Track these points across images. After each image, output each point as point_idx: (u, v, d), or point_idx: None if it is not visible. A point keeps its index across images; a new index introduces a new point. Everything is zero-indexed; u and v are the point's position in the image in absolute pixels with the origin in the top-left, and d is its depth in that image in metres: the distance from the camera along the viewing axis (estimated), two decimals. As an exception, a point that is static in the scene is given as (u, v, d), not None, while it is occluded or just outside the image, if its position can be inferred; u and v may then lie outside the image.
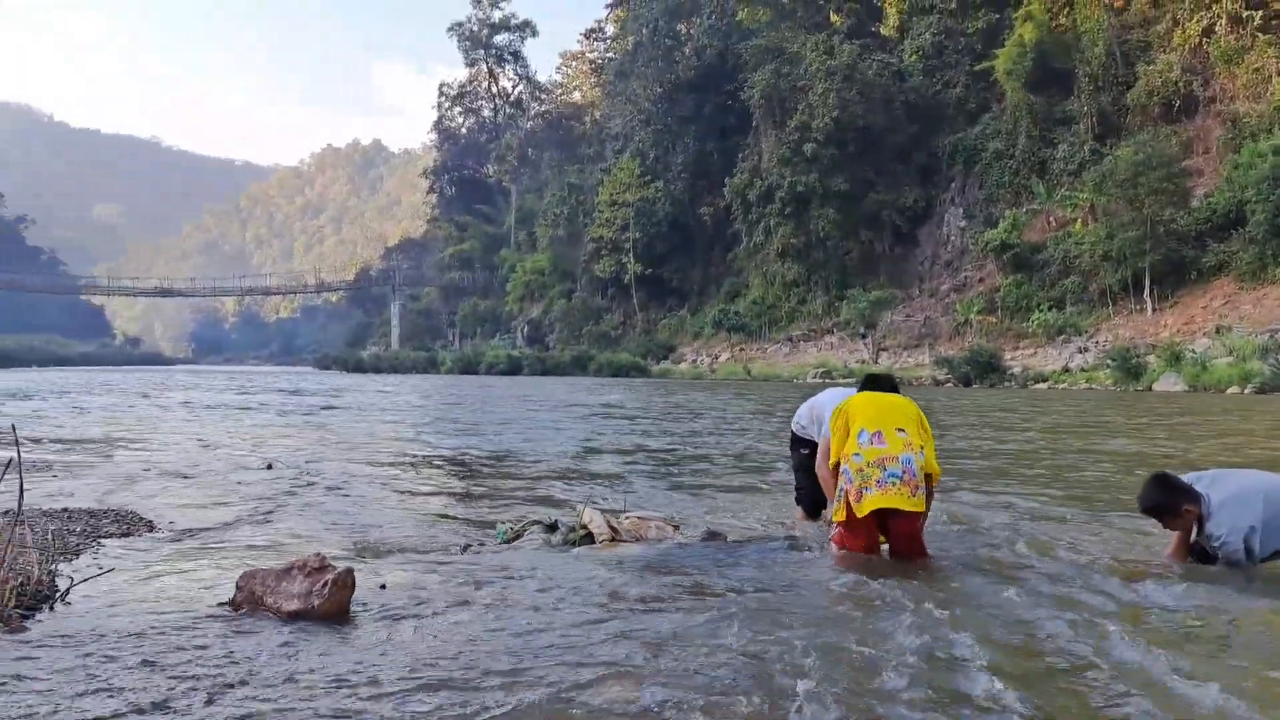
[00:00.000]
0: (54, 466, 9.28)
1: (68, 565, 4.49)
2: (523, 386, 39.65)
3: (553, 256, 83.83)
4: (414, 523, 6.50)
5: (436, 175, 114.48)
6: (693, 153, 73.41)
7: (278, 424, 16.91)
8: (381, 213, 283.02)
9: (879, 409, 5.03)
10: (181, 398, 27.54)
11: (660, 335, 69.27)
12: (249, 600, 3.80)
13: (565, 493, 8.11)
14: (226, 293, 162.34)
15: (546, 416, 19.30)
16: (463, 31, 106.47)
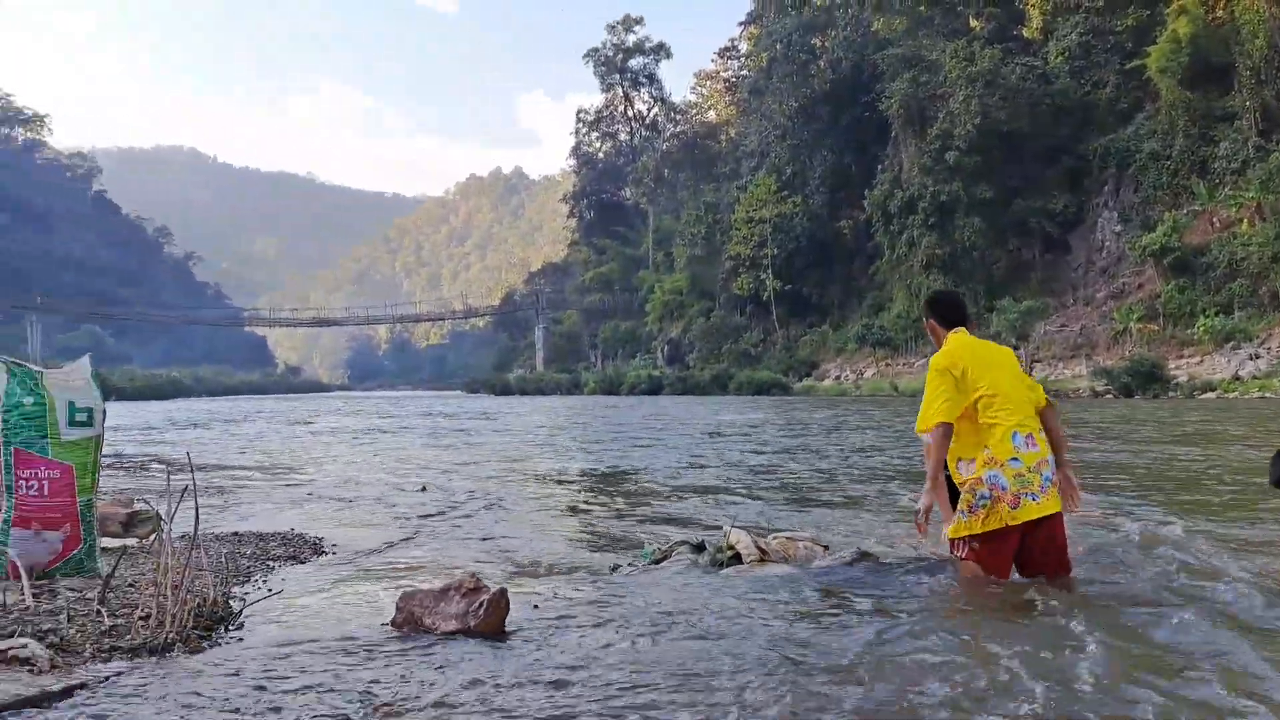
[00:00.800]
0: (223, 491, 9.73)
1: (240, 587, 4.69)
2: (664, 406, 39.79)
3: (691, 276, 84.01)
4: (563, 543, 6.57)
5: (575, 200, 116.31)
6: (830, 166, 72.68)
7: (430, 447, 17.37)
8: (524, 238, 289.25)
9: (1015, 394, 4.53)
10: (338, 423, 28.58)
11: (801, 352, 68.60)
12: (409, 621, 3.90)
13: (709, 513, 8.09)
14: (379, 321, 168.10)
15: (688, 436, 19.30)
16: (598, 58, 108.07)
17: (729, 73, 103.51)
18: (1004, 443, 4.42)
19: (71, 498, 4.42)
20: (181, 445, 17.35)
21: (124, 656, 3.41)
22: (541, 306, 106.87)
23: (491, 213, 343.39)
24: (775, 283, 71.59)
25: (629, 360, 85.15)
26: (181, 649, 3.53)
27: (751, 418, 26.96)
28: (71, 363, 4.79)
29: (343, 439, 20.47)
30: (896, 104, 62.34)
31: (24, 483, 4.36)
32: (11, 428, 4.39)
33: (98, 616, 3.71)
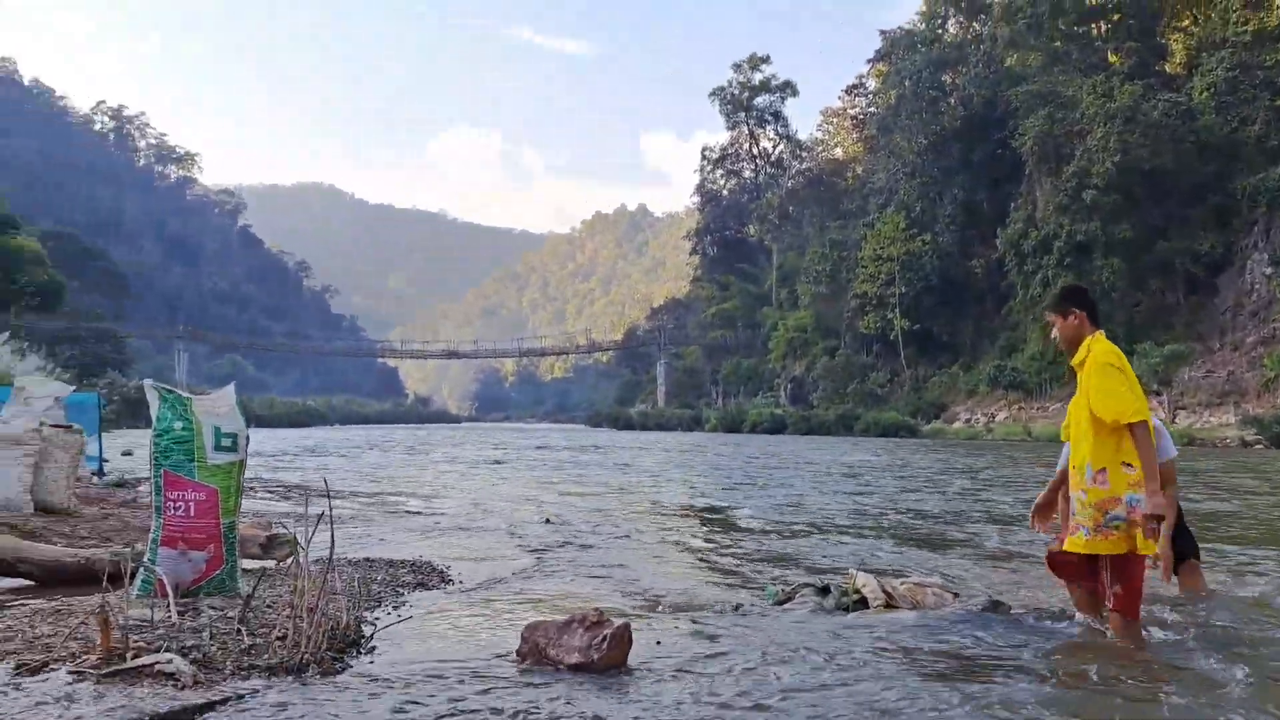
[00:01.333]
0: (356, 518, 10.00)
1: (371, 612, 4.80)
2: (786, 445, 39.41)
3: (815, 313, 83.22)
4: (686, 579, 6.55)
5: (699, 236, 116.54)
6: (961, 204, 71.28)
7: (553, 479, 17.55)
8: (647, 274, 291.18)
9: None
10: (465, 454, 29.13)
11: (930, 393, 67.14)
12: (533, 652, 3.94)
13: (832, 554, 7.97)
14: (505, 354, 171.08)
15: (811, 476, 19.07)
16: (724, 96, 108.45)
17: (856, 110, 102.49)
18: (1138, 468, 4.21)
19: (216, 519, 4.60)
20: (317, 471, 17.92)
21: (262, 675, 3.52)
22: (664, 342, 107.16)
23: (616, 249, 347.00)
24: (903, 322, 70.41)
25: (751, 398, 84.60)
26: (316, 670, 3.62)
27: (878, 459, 26.49)
28: (216, 390, 5.00)
29: (469, 469, 20.84)
30: (1030, 141, 60.85)
31: (172, 504, 4.56)
32: (162, 451, 4.59)
33: (238, 635, 3.84)
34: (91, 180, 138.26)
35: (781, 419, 67.40)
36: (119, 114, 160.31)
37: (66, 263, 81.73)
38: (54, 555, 5.62)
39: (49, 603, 4.60)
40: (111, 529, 7.54)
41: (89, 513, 8.43)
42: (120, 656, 3.48)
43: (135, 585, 4.37)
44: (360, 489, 14.20)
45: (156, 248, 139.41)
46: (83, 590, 4.95)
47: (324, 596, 3.84)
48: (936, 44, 79.85)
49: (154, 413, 4.66)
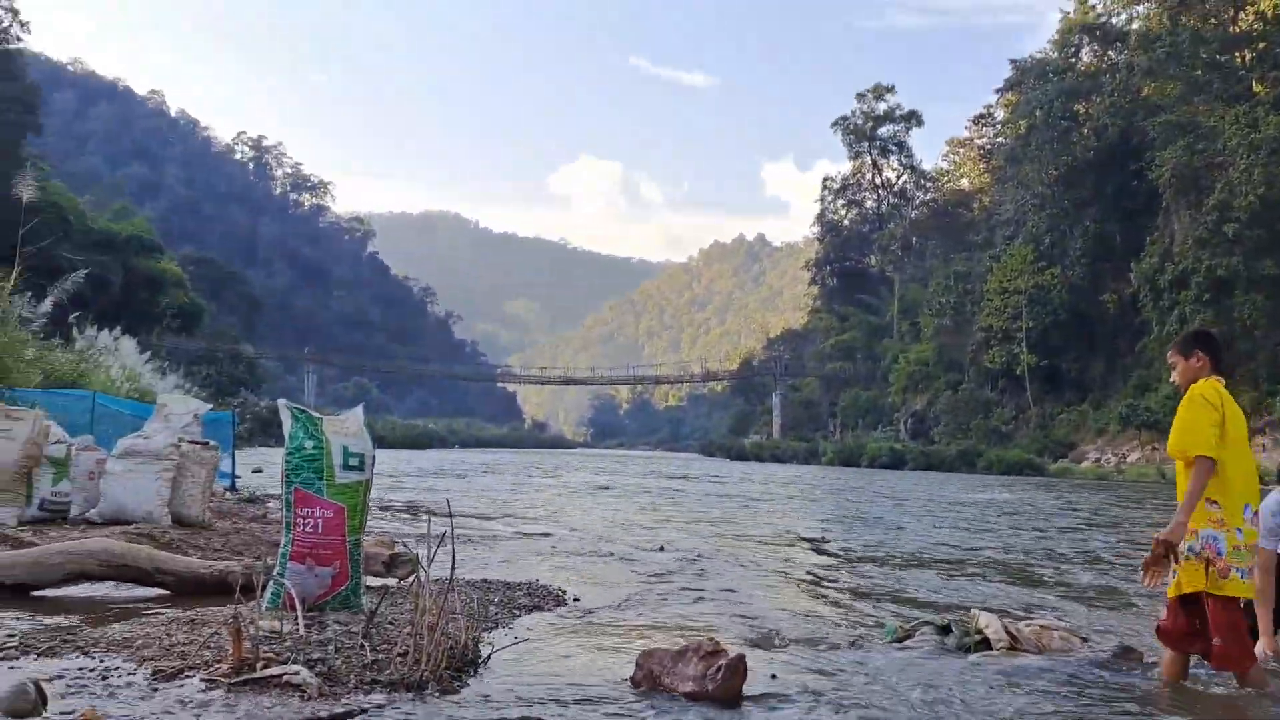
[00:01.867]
0: (473, 539, 10.16)
1: (488, 633, 4.86)
2: (906, 480, 38.67)
3: (938, 347, 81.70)
4: (801, 612, 6.47)
5: (818, 267, 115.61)
6: (1092, 236, 69.18)
7: (667, 507, 17.55)
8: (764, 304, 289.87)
9: (1252, 469, 4.30)
10: (581, 479, 29.35)
11: (1057, 431, 65.07)
12: (647, 679, 3.94)
13: (953, 592, 7.77)
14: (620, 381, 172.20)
15: (932, 512, 18.66)
16: (847, 125, 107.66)
17: (983, 140, 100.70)
18: (1237, 509, 4.19)
19: (342, 536, 4.72)
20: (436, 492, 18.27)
21: (383, 690, 3.59)
22: (780, 373, 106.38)
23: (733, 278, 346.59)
24: (1030, 357, 68.54)
25: (869, 431, 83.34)
26: (435, 687, 3.68)
27: (1002, 497, 25.80)
28: (341, 411, 5.15)
29: (584, 494, 21.00)
30: (1168, 172, 58.76)
31: (301, 520, 4.70)
32: (293, 469, 4.74)
33: (361, 650, 3.92)
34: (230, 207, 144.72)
35: (900, 454, 66.17)
36: (258, 144, 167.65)
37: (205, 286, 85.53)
38: (189, 567, 5.85)
39: (184, 612, 4.78)
40: (243, 543, 7.80)
41: (222, 527, 8.74)
42: (250, 666, 3.58)
43: (265, 598, 4.49)
44: (478, 510, 14.43)
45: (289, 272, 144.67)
46: (215, 601, 5.13)
47: (444, 616, 3.91)
48: (1069, 73, 78.03)
49: (287, 431, 4.81)
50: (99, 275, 47.27)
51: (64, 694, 3.33)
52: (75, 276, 15.44)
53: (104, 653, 3.90)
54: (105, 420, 11.63)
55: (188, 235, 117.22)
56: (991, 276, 73.50)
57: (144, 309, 60.94)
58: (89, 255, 45.36)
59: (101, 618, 4.87)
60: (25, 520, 7.85)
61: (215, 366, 64.59)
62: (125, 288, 61.00)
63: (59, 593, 5.60)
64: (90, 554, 5.62)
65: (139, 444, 8.36)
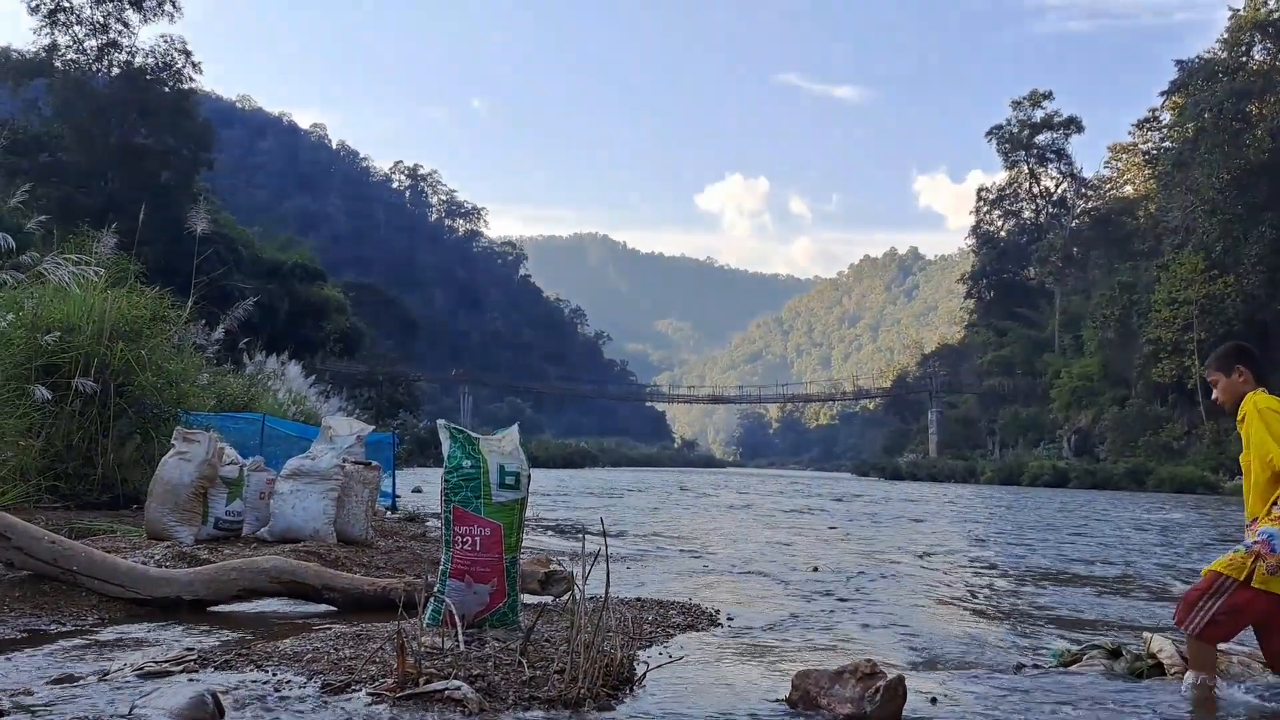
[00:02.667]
0: (626, 557, 10.22)
1: (643, 651, 4.86)
2: (1071, 500, 37.20)
3: (1102, 360, 78.62)
4: (960, 634, 6.28)
5: (974, 280, 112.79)
6: (1269, 243, 65.48)
7: (821, 527, 17.32)
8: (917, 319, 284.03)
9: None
10: (732, 498, 29.25)
11: (1233, 447, 61.47)
12: (803, 699, 3.89)
13: (1123, 615, 7.43)
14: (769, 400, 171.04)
15: (1100, 532, 17.89)
16: (1002, 134, 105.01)
17: (1148, 145, 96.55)
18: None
19: (499, 554, 4.80)
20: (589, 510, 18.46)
21: (541, 706, 3.63)
22: (935, 389, 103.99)
23: (884, 293, 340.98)
24: (1203, 370, 65.25)
25: (1030, 449, 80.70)
26: (591, 705, 3.70)
27: (1174, 516, 24.58)
28: (496, 430, 5.24)
29: (735, 514, 20.91)
30: (1351, 172, 55.41)
31: (460, 538, 4.80)
32: (452, 487, 4.85)
33: (519, 667, 3.97)
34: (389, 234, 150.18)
35: (1064, 472, 63.82)
36: (414, 173, 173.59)
37: (366, 311, 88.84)
38: (355, 584, 6.04)
39: (350, 628, 4.92)
40: (404, 560, 8.02)
41: (384, 545, 8.99)
42: (414, 681, 3.66)
43: (426, 614, 4.59)
44: (630, 529, 14.52)
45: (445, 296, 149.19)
46: (379, 617, 5.28)
47: (599, 633, 3.93)
48: (1240, 73, 74.25)
49: (445, 451, 4.93)
50: (267, 303, 49.64)
51: (239, 705, 3.46)
52: (245, 304, 16.16)
53: (276, 666, 4.05)
54: (274, 442, 12.10)
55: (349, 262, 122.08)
56: (1159, 287, 70.43)
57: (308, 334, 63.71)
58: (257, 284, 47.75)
59: (273, 632, 5.07)
60: (201, 539, 8.23)
61: (376, 389, 66.81)
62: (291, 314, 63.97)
63: (233, 608, 5.86)
64: (263, 571, 5.86)
65: (306, 465, 8.68)
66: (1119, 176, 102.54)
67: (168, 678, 3.88)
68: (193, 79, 67.53)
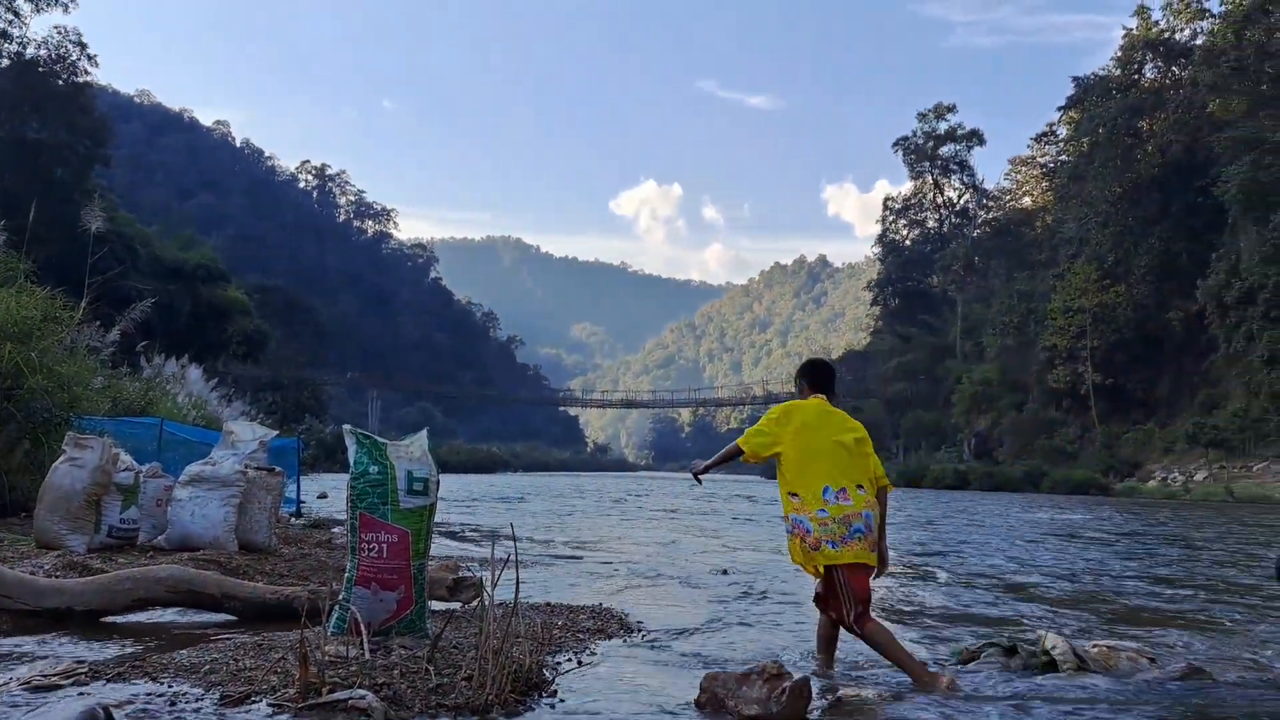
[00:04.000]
0: (536, 563, 10.20)
1: (552, 657, 4.86)
2: (970, 501, 38.12)
3: (1001, 367, 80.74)
4: (866, 636, 6.39)
5: (880, 287, 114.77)
6: (1157, 254, 67.98)
7: (731, 530, 17.47)
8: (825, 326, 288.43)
9: (840, 460, 5.09)
10: (643, 502, 29.34)
11: (1123, 450, 63.79)
12: (711, 701, 3.94)
13: (1020, 613, 7.66)
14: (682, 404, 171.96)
15: (997, 532, 18.36)
16: (908, 145, 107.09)
17: (1046, 158, 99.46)
18: (817, 497, 4.94)
19: (407, 561, 4.75)
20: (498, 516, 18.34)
21: (448, 713, 3.61)
22: (842, 394, 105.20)
23: (794, 300, 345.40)
24: (1095, 376, 67.47)
25: (933, 452, 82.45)
26: (499, 711, 3.69)
27: (1068, 518, 25.34)
28: (405, 436, 5.19)
29: (645, 518, 20.98)
30: (1235, 188, 57.64)
31: (367, 545, 4.74)
32: (359, 494, 4.79)
33: (426, 674, 3.94)
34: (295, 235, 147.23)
35: (964, 474, 65.33)
36: (322, 172, 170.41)
37: (271, 314, 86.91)
38: (256, 592, 5.92)
39: (251, 638, 4.83)
40: (309, 568, 7.89)
41: (288, 552, 8.84)
42: (317, 691, 3.61)
43: (331, 623, 4.53)
44: (541, 534, 14.47)
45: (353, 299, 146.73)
46: (282, 626, 5.18)
47: (508, 639, 3.92)
48: (1133, 89, 76.99)
49: (351, 457, 4.86)
50: (166, 304, 48.32)
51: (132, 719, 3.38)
52: (143, 305, 15.73)
53: (172, 678, 3.96)
54: (172, 447, 11.81)
55: (253, 264, 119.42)
56: (1055, 295, 72.69)
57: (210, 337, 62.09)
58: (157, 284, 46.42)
59: (170, 643, 4.95)
60: (94, 547, 8.00)
61: (281, 393, 65.49)
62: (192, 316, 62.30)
63: (128, 619, 5.70)
64: (159, 580, 5.71)
65: (206, 470, 8.50)
66: (1018, 188, 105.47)
67: (57, 691, 3.76)
68: (88, 72, 65.35)
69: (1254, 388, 56.13)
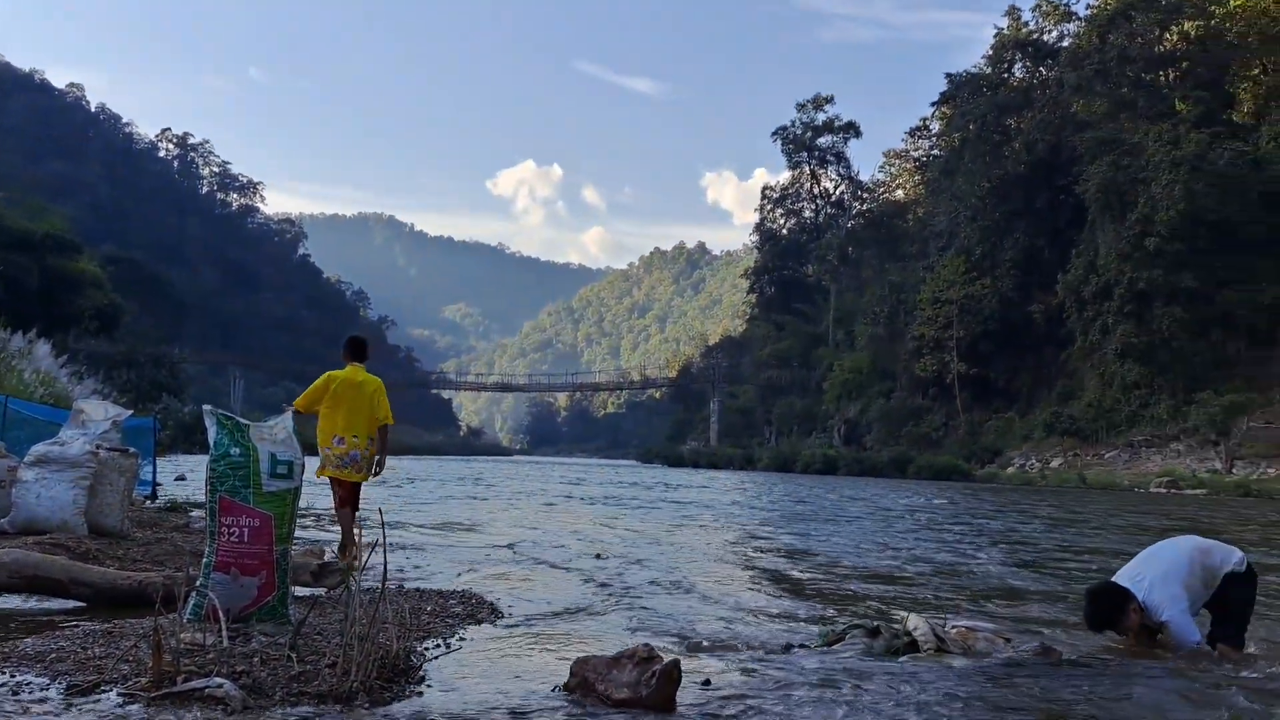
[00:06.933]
0: (406, 548, 10.04)
1: (420, 643, 4.78)
2: (839, 486, 39.03)
3: (872, 355, 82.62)
4: (735, 618, 6.47)
5: (757, 275, 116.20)
6: (1022, 249, 70.55)
7: (605, 514, 17.51)
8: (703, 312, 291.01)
9: (353, 417, 7.72)
10: (517, 487, 29.19)
11: (985, 438, 66.14)
12: (581, 686, 3.92)
13: (886, 596, 7.84)
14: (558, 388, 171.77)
15: (864, 517, 18.84)
16: (787, 135, 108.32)
17: (919, 152, 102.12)
18: (329, 440, 7.71)
19: (269, 546, 4.61)
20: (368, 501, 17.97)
21: (311, 701, 3.51)
22: (718, 380, 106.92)
23: (673, 286, 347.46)
24: (960, 365, 69.59)
25: (804, 438, 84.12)
26: (364, 698, 3.61)
27: (932, 503, 26.15)
28: (270, 417, 5.03)
29: (520, 503, 20.88)
30: (1094, 187, 60.17)
31: (227, 529, 4.58)
32: (219, 476, 4.62)
33: (288, 661, 3.83)
34: (155, 206, 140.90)
35: (833, 460, 66.87)
36: (184, 141, 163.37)
37: (127, 288, 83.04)
38: (107, 578, 5.67)
39: (101, 625, 4.64)
40: (164, 553, 7.61)
41: (142, 536, 8.51)
42: (171, 680, 3.49)
43: (187, 609, 4.38)
44: (411, 520, 14.25)
45: (216, 274, 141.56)
46: (135, 614, 4.97)
47: (374, 625, 3.83)
48: (1003, 88, 79.51)
49: (211, 438, 4.69)
50: (12, 275, 46.04)
51: (-29, 711, 3.20)
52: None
53: (15, 668, 3.78)
54: (18, 426, 11.28)
55: (109, 235, 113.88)
56: (925, 287, 74.56)
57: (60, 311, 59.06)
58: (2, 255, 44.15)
59: (13, 631, 4.71)
60: (-66, 530, 7.57)
61: (136, 371, 62.92)
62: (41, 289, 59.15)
63: (-32, 606, 5.41)
64: (1, 565, 5.41)
65: (54, 451, 8.10)
66: (892, 181, 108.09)
67: (-115, 685, 3.53)
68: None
69: (1107, 379, 58.83)
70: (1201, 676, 4.75)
